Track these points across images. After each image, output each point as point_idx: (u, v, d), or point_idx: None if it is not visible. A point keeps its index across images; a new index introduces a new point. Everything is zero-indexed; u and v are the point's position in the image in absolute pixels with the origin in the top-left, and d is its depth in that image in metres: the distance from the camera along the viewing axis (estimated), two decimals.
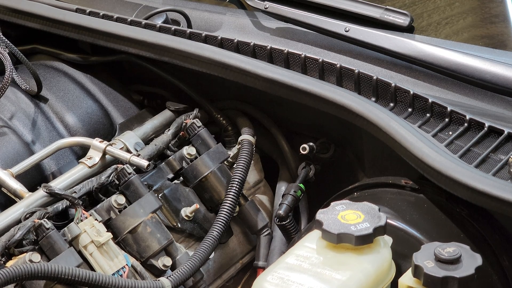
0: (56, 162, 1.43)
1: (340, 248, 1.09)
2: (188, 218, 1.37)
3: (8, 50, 1.52)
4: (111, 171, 1.31)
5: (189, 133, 1.43)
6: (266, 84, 1.37)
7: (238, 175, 1.36)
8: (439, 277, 1.02)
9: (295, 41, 1.49)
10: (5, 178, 1.30)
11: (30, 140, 1.45)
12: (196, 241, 1.38)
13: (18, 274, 1.07)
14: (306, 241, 1.13)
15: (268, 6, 1.51)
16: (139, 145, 1.42)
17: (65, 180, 1.32)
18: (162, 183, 1.38)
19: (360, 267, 1.07)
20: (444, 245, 1.05)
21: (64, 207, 1.25)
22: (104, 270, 1.21)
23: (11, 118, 1.47)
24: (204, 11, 1.62)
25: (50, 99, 1.53)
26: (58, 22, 1.59)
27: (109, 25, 1.55)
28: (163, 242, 1.28)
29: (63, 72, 1.61)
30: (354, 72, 1.34)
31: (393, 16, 1.40)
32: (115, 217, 1.28)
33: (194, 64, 1.44)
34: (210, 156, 1.41)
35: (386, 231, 1.12)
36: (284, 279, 1.07)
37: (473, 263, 1.04)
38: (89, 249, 1.22)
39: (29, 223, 1.19)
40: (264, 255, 1.41)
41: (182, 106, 1.53)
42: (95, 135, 1.46)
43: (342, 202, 1.15)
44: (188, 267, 1.24)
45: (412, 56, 1.33)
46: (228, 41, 1.47)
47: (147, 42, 1.49)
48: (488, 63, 1.28)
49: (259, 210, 1.43)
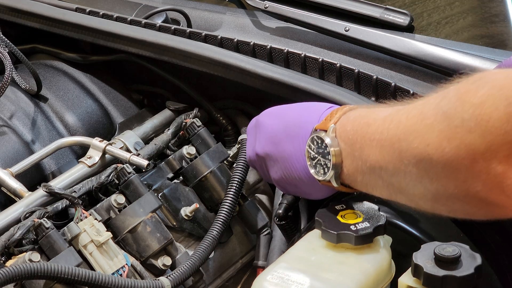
0: (56, 161, 1.43)
1: (339, 248, 1.09)
2: (187, 217, 1.37)
3: (7, 49, 1.52)
4: (110, 170, 1.31)
5: (189, 132, 1.43)
6: (266, 84, 1.37)
7: (238, 174, 1.35)
8: (439, 277, 1.01)
9: (295, 40, 1.49)
10: (5, 177, 1.30)
11: (29, 139, 1.45)
12: (195, 240, 1.38)
13: (18, 273, 1.07)
14: (306, 240, 1.13)
15: (268, 6, 1.51)
16: (139, 144, 1.42)
17: (65, 180, 1.32)
18: (162, 182, 1.38)
19: (360, 267, 1.07)
20: (444, 244, 1.05)
21: (63, 207, 1.25)
22: (103, 269, 1.21)
23: (10, 117, 1.47)
24: (204, 11, 1.62)
25: (50, 99, 1.53)
26: (58, 22, 1.59)
27: (109, 25, 1.55)
28: (162, 242, 1.28)
29: (63, 71, 1.61)
30: (354, 72, 1.34)
31: (393, 15, 1.40)
32: (115, 217, 1.28)
33: (194, 64, 1.44)
34: (210, 155, 1.41)
35: (386, 231, 1.12)
36: (283, 278, 1.06)
37: (472, 262, 1.03)
38: (88, 248, 1.22)
39: (29, 222, 1.19)
40: (264, 254, 1.41)
41: (182, 106, 1.53)
42: (95, 134, 1.46)
43: (341, 201, 1.15)
44: (188, 267, 1.24)
45: (412, 55, 1.33)
46: (228, 40, 1.47)
47: (147, 41, 1.49)
48: (488, 63, 1.28)
49: (258, 210, 1.43)
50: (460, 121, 0.83)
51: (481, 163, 0.82)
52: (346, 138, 1.03)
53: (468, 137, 0.82)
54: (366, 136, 0.99)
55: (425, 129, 0.88)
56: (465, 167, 0.83)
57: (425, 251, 1.05)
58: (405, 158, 0.91)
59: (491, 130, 0.80)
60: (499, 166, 0.80)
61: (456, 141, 0.83)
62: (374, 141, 0.97)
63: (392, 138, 0.94)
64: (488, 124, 0.80)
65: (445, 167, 0.85)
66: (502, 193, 0.82)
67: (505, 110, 0.79)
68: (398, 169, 0.93)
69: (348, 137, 1.03)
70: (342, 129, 1.05)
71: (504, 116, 0.79)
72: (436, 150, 0.86)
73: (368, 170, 1.00)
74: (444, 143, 0.85)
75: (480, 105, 0.81)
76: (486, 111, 0.80)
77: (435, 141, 0.86)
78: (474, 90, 0.82)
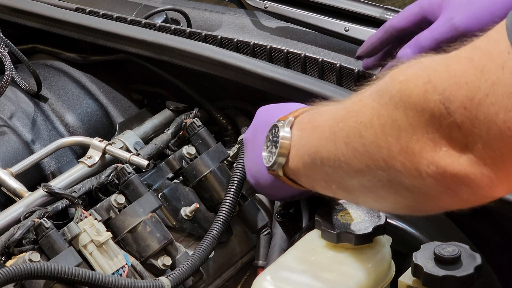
0: (56, 161, 1.43)
1: (339, 248, 1.09)
2: (187, 217, 1.37)
3: (7, 49, 1.52)
4: (110, 170, 1.31)
5: (189, 132, 1.43)
6: (266, 84, 1.37)
7: (237, 174, 1.35)
8: (439, 276, 1.02)
9: (295, 40, 1.49)
10: (5, 177, 1.30)
11: (29, 139, 1.45)
12: (195, 240, 1.38)
13: (18, 273, 1.07)
14: (306, 240, 1.13)
15: (268, 6, 1.51)
16: (138, 144, 1.42)
17: (65, 180, 1.32)
18: (162, 182, 1.38)
19: (360, 267, 1.07)
20: (443, 244, 1.05)
21: (63, 207, 1.25)
22: (103, 269, 1.21)
23: (10, 117, 1.47)
24: (204, 10, 1.62)
25: (50, 99, 1.53)
26: (58, 21, 1.59)
27: (109, 24, 1.55)
28: (162, 242, 1.28)
29: (63, 71, 1.61)
30: (354, 72, 1.34)
31: (393, 15, 1.40)
32: (115, 217, 1.28)
33: (194, 64, 1.44)
34: (209, 155, 1.41)
35: (386, 231, 1.12)
36: (283, 278, 1.07)
37: (472, 262, 1.04)
38: (88, 248, 1.22)
39: (29, 222, 1.19)
40: (264, 254, 1.41)
41: (182, 106, 1.53)
42: (95, 134, 1.46)
43: (341, 201, 1.15)
44: (188, 267, 1.24)
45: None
46: (228, 40, 1.47)
47: (147, 41, 1.49)
48: None
49: (258, 210, 1.43)
50: (388, 97, 0.84)
51: (402, 140, 0.82)
52: (300, 128, 1.04)
53: (394, 113, 0.83)
54: (315, 124, 0.99)
55: (361, 108, 0.89)
56: (388, 145, 0.84)
57: (425, 251, 1.05)
58: (338, 138, 0.91)
59: (412, 106, 0.81)
60: (417, 145, 0.81)
61: (384, 118, 0.84)
62: (319, 128, 0.97)
63: (331, 121, 0.94)
64: (410, 100, 0.81)
65: (372, 145, 0.86)
66: (419, 176, 0.82)
67: (423, 87, 0.80)
68: (332, 153, 0.93)
69: (301, 127, 1.03)
70: (300, 120, 1.05)
71: (422, 93, 0.80)
72: (365, 127, 0.87)
73: (309, 159, 0.99)
74: (374, 119, 0.85)
75: (405, 82, 0.82)
76: (408, 87, 0.82)
77: (366, 119, 0.87)
78: (404, 69, 0.84)
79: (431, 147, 0.80)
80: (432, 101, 0.79)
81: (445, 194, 0.82)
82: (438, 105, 0.79)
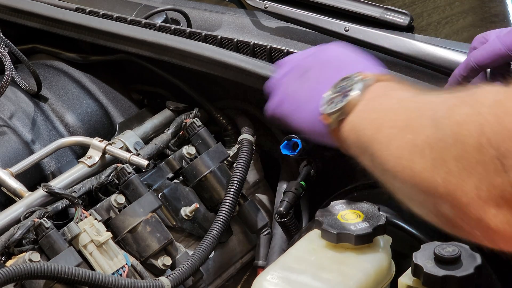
0: (56, 161, 1.43)
1: (339, 248, 1.09)
2: (187, 217, 1.37)
3: (7, 49, 1.52)
4: (110, 170, 1.31)
5: (189, 132, 1.43)
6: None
7: (237, 174, 1.36)
8: (439, 276, 1.02)
9: (295, 40, 1.49)
10: (5, 177, 1.30)
11: (29, 139, 1.45)
12: (195, 240, 1.38)
13: (18, 273, 1.07)
14: (306, 240, 1.13)
15: (268, 6, 1.51)
16: (138, 144, 1.42)
17: (65, 180, 1.32)
18: (162, 182, 1.38)
19: (360, 267, 1.07)
20: (443, 244, 1.05)
21: (63, 207, 1.25)
22: (103, 269, 1.21)
23: (10, 117, 1.47)
24: (204, 11, 1.62)
25: (50, 99, 1.53)
26: (58, 22, 1.59)
27: (109, 25, 1.55)
28: (162, 242, 1.28)
29: (63, 71, 1.61)
30: None
31: (393, 15, 1.40)
32: (115, 217, 1.28)
33: (194, 64, 1.44)
34: (209, 155, 1.41)
35: (386, 231, 1.12)
36: (283, 278, 1.07)
37: (472, 262, 1.04)
38: (88, 248, 1.22)
39: (29, 222, 1.19)
40: (264, 254, 1.41)
41: (182, 106, 1.53)
42: (95, 134, 1.46)
43: (341, 201, 1.15)
44: (188, 267, 1.24)
45: (412, 55, 1.33)
46: (228, 40, 1.47)
47: (147, 41, 1.49)
48: None
49: (258, 210, 1.43)
50: (442, 133, 0.77)
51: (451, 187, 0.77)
52: (371, 99, 0.96)
53: (444, 153, 0.77)
54: (384, 106, 0.92)
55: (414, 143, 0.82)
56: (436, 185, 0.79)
57: (425, 251, 1.05)
58: (391, 146, 0.86)
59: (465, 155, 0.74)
60: (464, 198, 0.75)
61: (435, 153, 0.78)
62: (378, 119, 0.91)
63: (399, 122, 0.87)
64: (463, 147, 0.75)
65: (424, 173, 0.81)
66: (463, 221, 0.78)
67: (478, 139, 0.73)
68: (384, 155, 0.87)
69: (373, 98, 0.95)
70: (374, 91, 0.96)
71: (476, 144, 0.73)
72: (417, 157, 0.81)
73: (362, 142, 0.93)
74: (426, 151, 0.79)
75: (459, 124, 0.76)
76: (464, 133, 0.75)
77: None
78: (459, 105, 0.77)
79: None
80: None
81: (485, 240, 0.80)
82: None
